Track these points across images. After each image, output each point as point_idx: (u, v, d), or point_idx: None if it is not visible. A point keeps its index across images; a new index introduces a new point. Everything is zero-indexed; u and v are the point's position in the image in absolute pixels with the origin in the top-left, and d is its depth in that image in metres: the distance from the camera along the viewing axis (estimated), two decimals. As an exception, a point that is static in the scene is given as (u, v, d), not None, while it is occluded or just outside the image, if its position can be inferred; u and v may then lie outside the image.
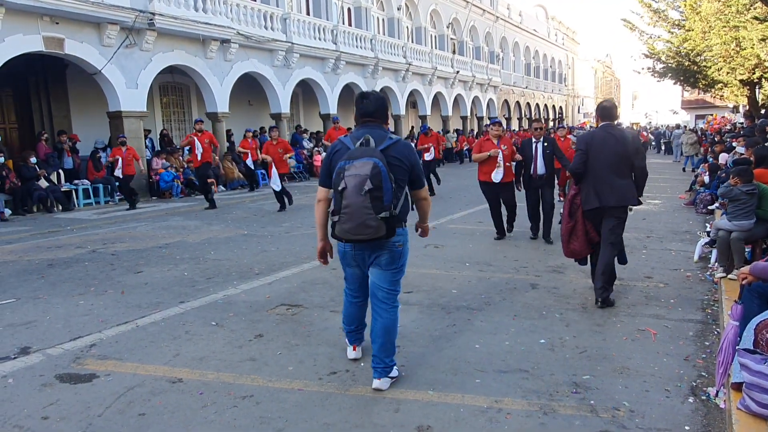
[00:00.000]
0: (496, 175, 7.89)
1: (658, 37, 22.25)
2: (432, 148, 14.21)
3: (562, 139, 11.03)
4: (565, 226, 5.17)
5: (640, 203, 5.25)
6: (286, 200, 11.75)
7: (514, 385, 3.50)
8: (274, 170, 11.32)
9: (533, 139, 7.97)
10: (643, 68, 28.53)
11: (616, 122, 5.28)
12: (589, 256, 5.35)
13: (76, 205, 13.24)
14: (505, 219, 8.32)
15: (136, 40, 14.07)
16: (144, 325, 4.71)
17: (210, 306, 5.22)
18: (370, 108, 3.44)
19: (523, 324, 4.59)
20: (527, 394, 3.37)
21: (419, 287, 5.69)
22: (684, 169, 20.07)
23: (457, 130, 29.89)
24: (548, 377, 3.60)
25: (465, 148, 27.41)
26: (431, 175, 14.04)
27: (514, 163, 8.10)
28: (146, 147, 15.52)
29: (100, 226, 10.28)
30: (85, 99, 15.18)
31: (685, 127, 29.88)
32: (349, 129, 10.85)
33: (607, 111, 5.09)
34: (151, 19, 13.92)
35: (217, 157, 13.61)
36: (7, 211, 11.61)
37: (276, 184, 11.38)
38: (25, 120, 14.81)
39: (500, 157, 7.78)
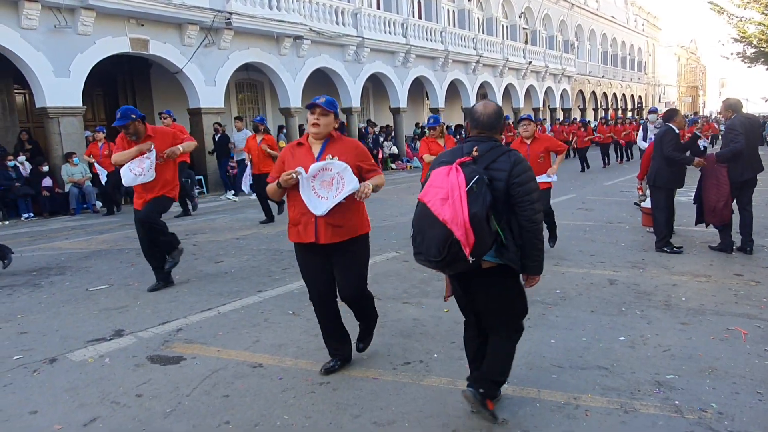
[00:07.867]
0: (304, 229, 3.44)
1: (750, 19, 20.86)
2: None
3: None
4: (724, 198, 6.49)
5: None
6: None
7: (593, 382, 3.41)
8: None
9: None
10: (732, 54, 26.85)
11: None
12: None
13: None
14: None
15: (214, 39, 14.65)
16: (225, 312, 4.92)
17: (286, 295, 5.38)
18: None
19: (601, 320, 4.46)
20: (607, 392, 3.28)
21: (492, 281, 5.61)
22: None
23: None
24: (629, 375, 3.48)
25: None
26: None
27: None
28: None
29: (182, 218, 10.79)
30: (167, 96, 15.97)
31: None
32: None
33: (740, 104, 6.71)
34: (228, 19, 14.45)
35: None
36: (99, 204, 12.42)
37: None
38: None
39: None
